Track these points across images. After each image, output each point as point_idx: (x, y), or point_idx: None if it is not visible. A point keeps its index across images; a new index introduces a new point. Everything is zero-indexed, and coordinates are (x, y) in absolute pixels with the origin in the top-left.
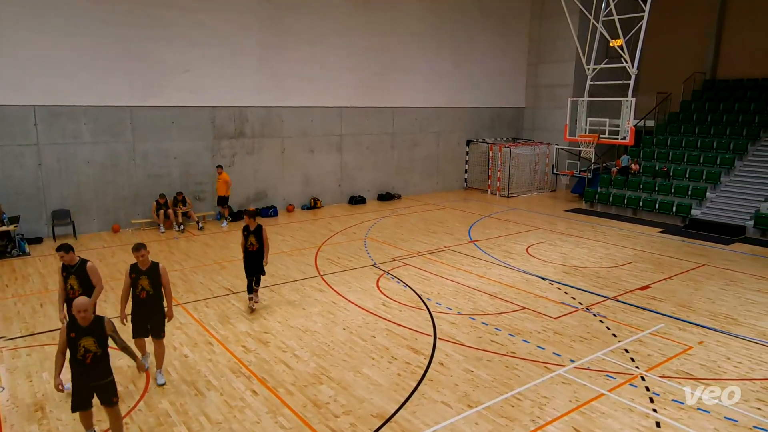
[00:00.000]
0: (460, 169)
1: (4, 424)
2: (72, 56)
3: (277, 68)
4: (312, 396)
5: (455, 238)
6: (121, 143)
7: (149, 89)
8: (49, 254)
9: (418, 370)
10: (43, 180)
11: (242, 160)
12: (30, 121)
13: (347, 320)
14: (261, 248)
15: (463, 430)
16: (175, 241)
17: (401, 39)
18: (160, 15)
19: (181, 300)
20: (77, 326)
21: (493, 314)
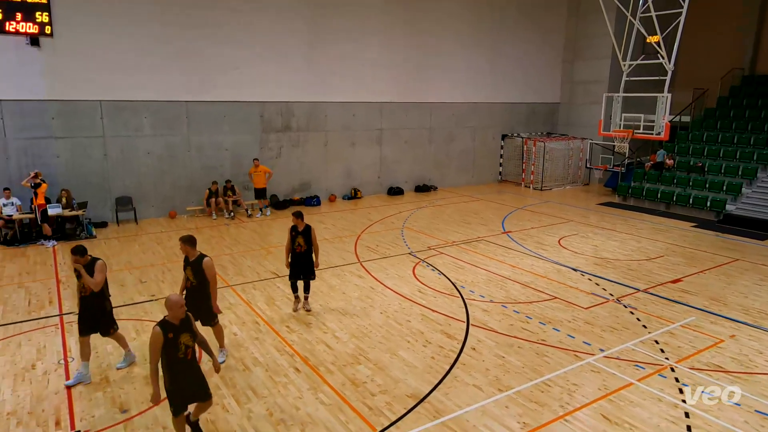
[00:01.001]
0: (495, 162)
1: (74, 391)
2: (134, 55)
3: (322, 65)
4: (350, 375)
5: (489, 229)
6: (177, 136)
7: (203, 85)
8: (113, 237)
9: (451, 354)
10: (108, 169)
11: (288, 153)
12: (97, 114)
13: (384, 305)
14: (309, 250)
15: (493, 412)
16: (225, 227)
17: (440, 37)
18: (213, 17)
19: (231, 282)
20: (172, 325)
21: (525, 303)
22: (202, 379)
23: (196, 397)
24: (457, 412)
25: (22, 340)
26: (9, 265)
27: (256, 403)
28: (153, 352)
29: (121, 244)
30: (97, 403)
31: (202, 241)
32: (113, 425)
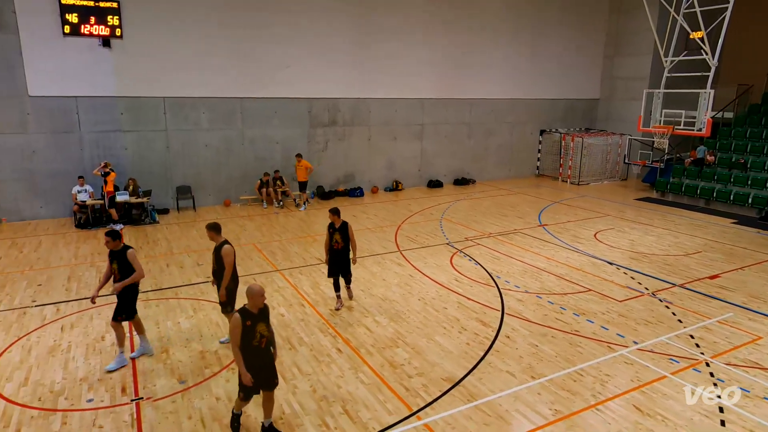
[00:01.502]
0: (533, 157)
1: (138, 362)
2: (194, 55)
3: (366, 63)
4: (389, 357)
5: (525, 222)
6: (233, 130)
7: (256, 83)
8: (174, 223)
9: (486, 341)
10: (170, 160)
11: (334, 146)
12: (160, 110)
13: (422, 292)
14: (346, 247)
15: (526, 398)
16: (275, 215)
17: (480, 34)
18: (264, 18)
19: (279, 267)
20: (251, 314)
21: (559, 294)
22: (273, 368)
23: (265, 384)
24: (490, 396)
25: (94, 314)
26: (82, 246)
27: (301, 380)
28: (233, 337)
29: (181, 230)
30: (158, 373)
31: (253, 228)
32: (172, 394)
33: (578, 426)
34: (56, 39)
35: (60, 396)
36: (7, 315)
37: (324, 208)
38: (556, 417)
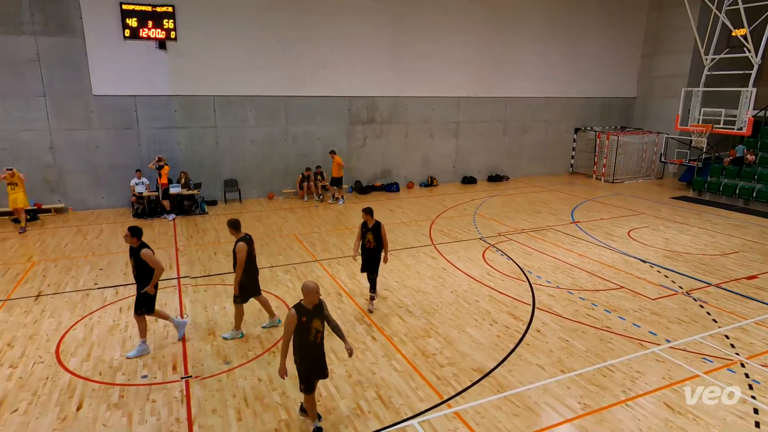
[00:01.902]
0: (567, 154)
1: (187, 343)
2: (241, 56)
3: (404, 63)
4: (421, 347)
5: (558, 219)
6: (277, 126)
7: (299, 82)
8: (221, 214)
9: (516, 334)
10: (219, 155)
11: (372, 143)
12: (210, 108)
13: (455, 285)
14: (378, 246)
15: (555, 391)
16: (315, 208)
17: (516, 33)
18: (308, 20)
19: (318, 257)
20: (306, 310)
21: (591, 290)
22: (324, 360)
23: (319, 376)
24: (519, 388)
25: None
26: None
27: (337, 365)
28: (286, 332)
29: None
30: (205, 354)
31: (294, 220)
32: (217, 373)
33: (607, 420)
34: (117, 42)
35: (118, 371)
36: (73, 296)
37: (361, 202)
38: (585, 411)
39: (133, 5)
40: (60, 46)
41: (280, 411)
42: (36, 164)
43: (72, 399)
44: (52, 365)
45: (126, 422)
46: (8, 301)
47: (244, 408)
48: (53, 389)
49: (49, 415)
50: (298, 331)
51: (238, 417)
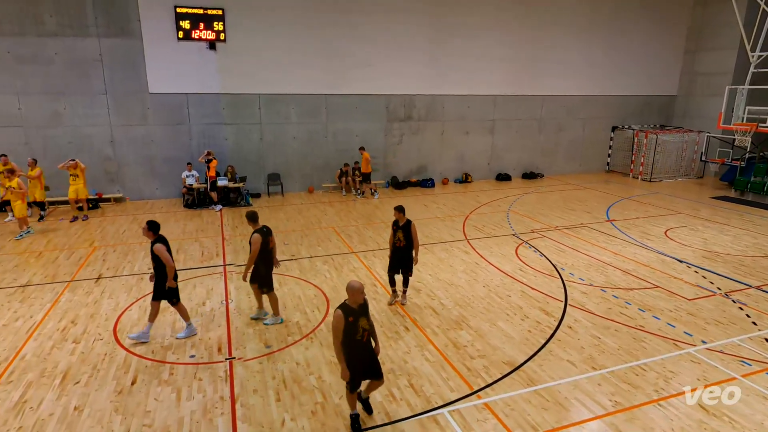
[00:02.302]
0: (603, 153)
1: (231, 326)
2: (285, 55)
3: (441, 61)
4: (453, 338)
5: (593, 217)
6: (317, 123)
7: (339, 80)
8: (264, 206)
9: (548, 329)
10: (263, 150)
11: (408, 140)
12: (256, 105)
13: (487, 279)
14: (409, 245)
15: (585, 388)
16: (353, 202)
17: (554, 30)
18: (349, 20)
19: (355, 249)
20: (352, 309)
21: (625, 289)
22: (375, 360)
23: (368, 375)
24: (549, 383)
25: (196, 282)
26: (188, 224)
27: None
28: (335, 333)
29: (270, 212)
30: (248, 338)
31: (333, 214)
32: (258, 356)
33: (638, 419)
34: (172, 43)
35: (168, 351)
36: (129, 279)
37: (397, 197)
38: (615, 408)
39: (187, 8)
40: (120, 48)
41: (317, 394)
42: (98, 157)
43: (127, 374)
44: (110, 342)
45: (175, 398)
46: (72, 282)
47: (282, 390)
48: (111, 364)
49: (107, 387)
50: (345, 331)
51: (277, 398)
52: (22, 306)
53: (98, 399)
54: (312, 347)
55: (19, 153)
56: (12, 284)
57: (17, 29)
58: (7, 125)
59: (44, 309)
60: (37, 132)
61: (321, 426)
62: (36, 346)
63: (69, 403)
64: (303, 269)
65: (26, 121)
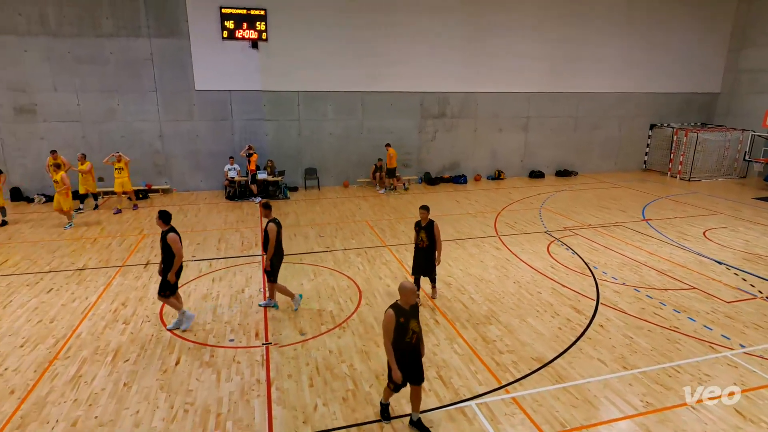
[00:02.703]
0: (640, 151)
1: (268, 313)
2: (323, 54)
3: (476, 59)
4: (482, 332)
5: (628, 215)
6: (353, 120)
7: (375, 78)
8: (301, 199)
9: (578, 327)
10: (301, 146)
11: (442, 136)
12: (295, 102)
13: (518, 276)
14: (432, 246)
15: (616, 387)
16: (386, 197)
17: (591, 28)
18: (383, 19)
19: (387, 243)
20: (403, 310)
21: (660, 289)
22: (421, 364)
23: (413, 379)
24: (579, 380)
25: (236, 270)
26: (230, 215)
27: None
28: (386, 333)
29: (307, 205)
30: (284, 325)
31: (367, 208)
32: (293, 343)
33: (670, 421)
34: (217, 42)
35: (209, 334)
36: None
37: (430, 192)
38: (647, 409)
39: (231, 9)
40: (169, 47)
41: (348, 381)
42: (147, 150)
43: (172, 355)
44: (156, 324)
45: (215, 379)
46: (123, 267)
47: (315, 375)
48: (157, 345)
49: (154, 366)
50: (395, 332)
51: (311, 383)
52: (78, 288)
53: (145, 377)
54: (344, 336)
55: (77, 146)
56: (70, 267)
57: (76, 31)
58: (67, 120)
59: (98, 291)
60: (93, 127)
61: (351, 412)
62: (90, 326)
63: (119, 379)
64: (337, 261)
65: (84, 116)
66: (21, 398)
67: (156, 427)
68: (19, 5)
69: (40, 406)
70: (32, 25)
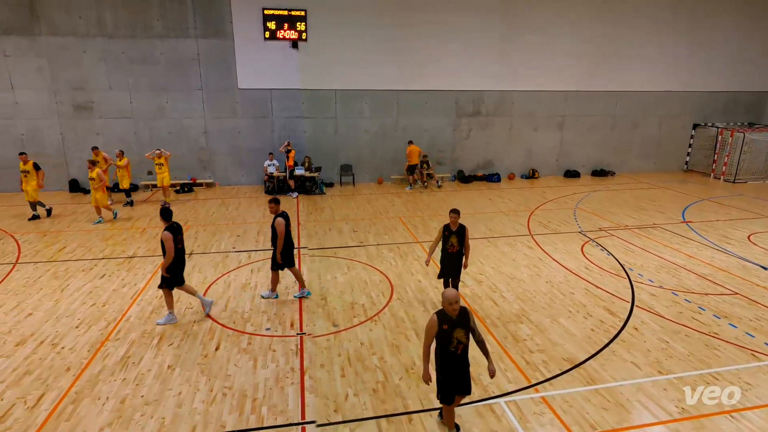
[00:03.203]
0: (682, 151)
1: (303, 304)
2: (360, 53)
3: (512, 57)
4: (512, 331)
5: (667, 217)
6: (389, 118)
7: (411, 77)
8: (337, 195)
9: (612, 329)
10: (337, 143)
11: (476, 135)
12: (332, 100)
13: (550, 275)
14: (461, 251)
15: (650, 391)
16: (419, 194)
17: (633, 25)
18: (419, 18)
19: (420, 239)
20: (448, 318)
21: (699, 294)
22: (468, 374)
23: (460, 390)
24: (611, 383)
25: None
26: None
27: None
28: (427, 336)
29: (342, 201)
30: (318, 316)
31: (400, 204)
32: (326, 334)
33: (707, 429)
34: (259, 43)
35: (247, 322)
36: (215, 256)
37: (463, 190)
38: (682, 416)
39: (273, 10)
40: (215, 48)
41: (378, 374)
42: (193, 146)
43: (212, 340)
44: (198, 311)
45: (252, 365)
46: None
47: (347, 366)
48: (198, 331)
49: (195, 351)
50: (438, 339)
51: (342, 374)
52: (128, 275)
53: (188, 360)
54: (375, 329)
55: (129, 142)
56: (121, 255)
57: (130, 33)
58: (121, 117)
59: (146, 278)
60: (144, 123)
61: (381, 403)
62: (138, 310)
63: (164, 361)
64: (370, 255)
65: (136, 113)
66: (76, 375)
67: (196, 408)
68: (80, 9)
69: (92, 383)
70: (91, 28)
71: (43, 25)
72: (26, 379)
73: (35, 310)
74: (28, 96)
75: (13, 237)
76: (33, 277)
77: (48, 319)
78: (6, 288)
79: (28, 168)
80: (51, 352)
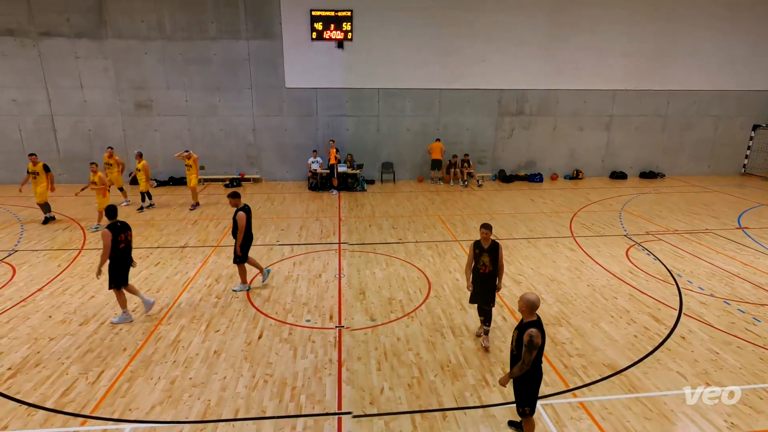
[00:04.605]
0: (739, 153)
1: (342, 298)
2: (403, 52)
3: (558, 56)
4: (551, 334)
5: (720, 223)
6: (430, 117)
7: (453, 76)
8: (377, 192)
9: (657, 337)
10: (379, 141)
11: (519, 134)
12: (375, 99)
13: (592, 279)
14: (494, 271)
15: (696, 403)
16: (459, 193)
17: (687, 21)
18: (464, 17)
19: (458, 238)
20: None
21: (755, 304)
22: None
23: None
24: (654, 392)
25: (315, 257)
26: (311, 204)
27: (467, 338)
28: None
29: (382, 198)
30: (356, 309)
31: (440, 202)
32: (364, 328)
33: None
34: (306, 43)
35: (289, 313)
36: (260, 249)
37: (504, 190)
38: (731, 431)
39: (320, 11)
40: (264, 48)
41: (414, 369)
42: (242, 142)
43: (255, 329)
44: (243, 300)
45: (292, 355)
46: (218, 247)
47: (383, 360)
48: (243, 319)
49: (239, 338)
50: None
51: (378, 367)
52: (180, 263)
53: (232, 347)
54: (412, 325)
55: (183, 138)
56: (174, 245)
57: (186, 35)
58: (177, 114)
59: (196, 267)
60: (197, 121)
61: (416, 399)
62: (188, 297)
63: (210, 347)
64: (408, 252)
65: (190, 111)
66: (131, 355)
67: (239, 392)
68: (142, 13)
69: (146, 364)
70: (151, 31)
71: (110, 29)
72: (88, 356)
73: (97, 293)
74: (95, 94)
75: (80, 225)
76: (96, 262)
77: (108, 302)
78: (72, 272)
79: (38, 169)
80: (110, 332)
